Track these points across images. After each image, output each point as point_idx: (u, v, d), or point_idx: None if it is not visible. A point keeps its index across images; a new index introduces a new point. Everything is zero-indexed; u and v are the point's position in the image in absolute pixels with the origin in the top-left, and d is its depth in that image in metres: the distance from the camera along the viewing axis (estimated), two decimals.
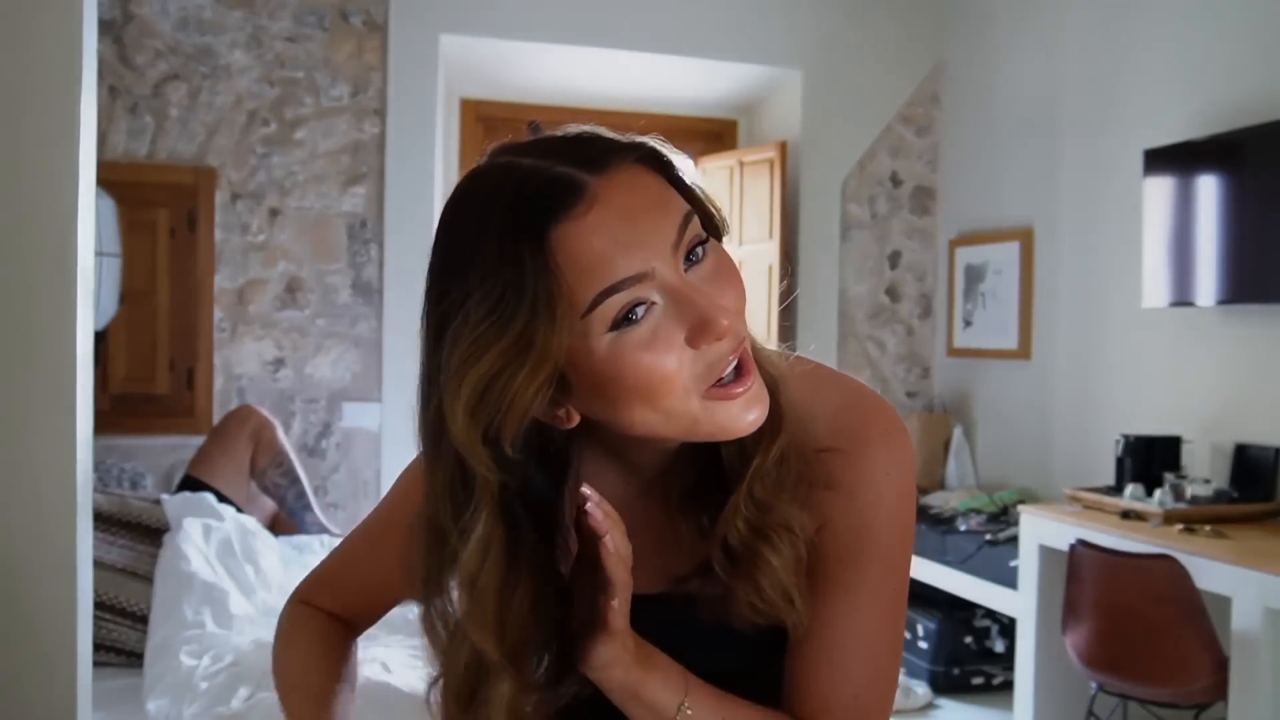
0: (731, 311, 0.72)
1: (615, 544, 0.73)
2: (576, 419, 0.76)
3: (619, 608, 0.74)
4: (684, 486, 0.82)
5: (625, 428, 0.75)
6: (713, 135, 4.93)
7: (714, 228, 0.78)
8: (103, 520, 2.62)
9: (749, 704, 0.81)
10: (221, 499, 2.98)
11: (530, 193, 0.70)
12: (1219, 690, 2.49)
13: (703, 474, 0.81)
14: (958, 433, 4.35)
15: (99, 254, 3.06)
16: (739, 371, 0.73)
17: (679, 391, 0.71)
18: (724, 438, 0.75)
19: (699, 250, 0.73)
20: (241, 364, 3.94)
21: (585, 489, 0.75)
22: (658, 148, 0.76)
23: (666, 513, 0.84)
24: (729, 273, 0.75)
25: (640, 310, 0.70)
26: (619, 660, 0.75)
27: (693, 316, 0.70)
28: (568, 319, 0.69)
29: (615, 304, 0.69)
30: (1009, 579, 3.33)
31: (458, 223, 0.73)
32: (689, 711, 0.77)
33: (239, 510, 3.00)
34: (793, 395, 0.80)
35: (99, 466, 3.70)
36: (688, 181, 0.77)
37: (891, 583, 0.81)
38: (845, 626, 0.80)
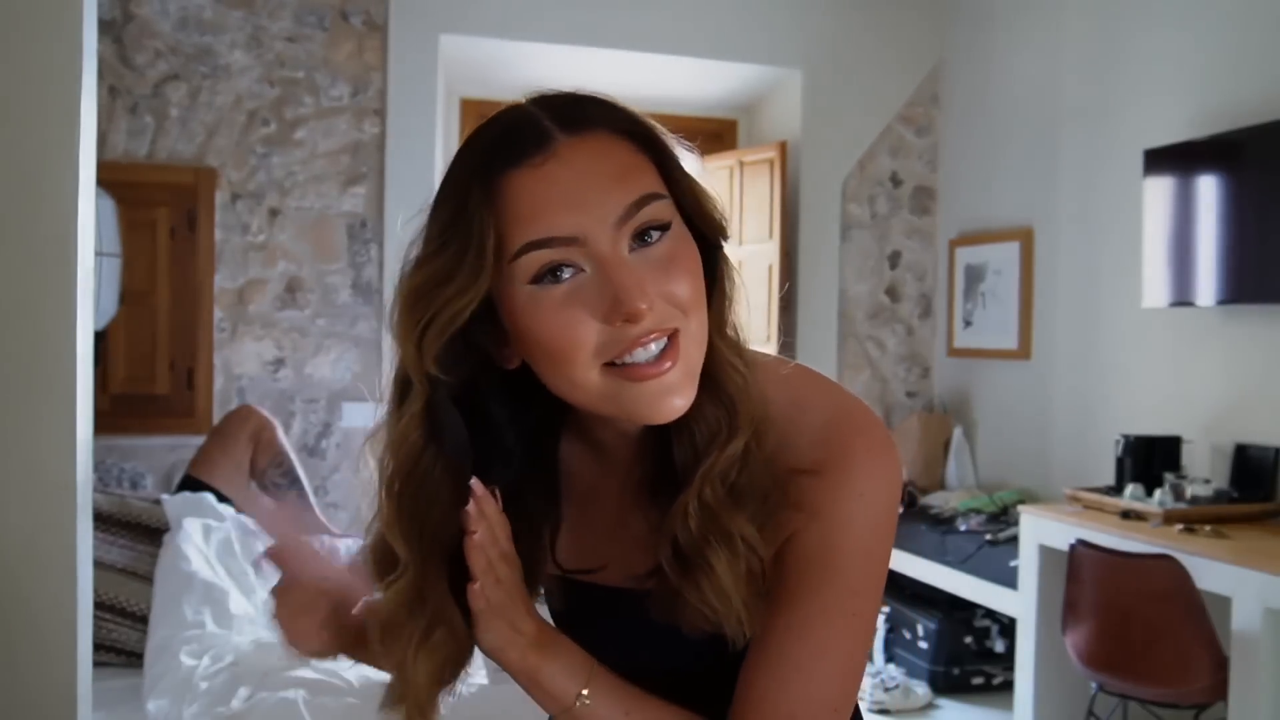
0: (656, 297, 0.71)
1: (483, 540, 0.74)
2: (518, 361, 0.78)
3: (479, 590, 0.74)
4: (641, 477, 0.82)
5: (549, 387, 0.76)
6: (713, 135, 4.93)
7: (710, 227, 0.79)
8: (103, 520, 2.62)
9: (656, 700, 0.79)
10: (221, 499, 2.97)
11: (505, 135, 0.73)
12: (1219, 690, 2.49)
13: (662, 466, 0.79)
14: (958, 433, 4.35)
15: (99, 254, 3.05)
16: (660, 357, 0.72)
17: (582, 361, 0.72)
18: (640, 421, 0.74)
19: (654, 234, 0.73)
20: (241, 364, 3.94)
21: (475, 482, 0.75)
22: (652, 129, 0.76)
23: (634, 505, 0.83)
24: (683, 264, 0.74)
25: (566, 272, 0.71)
26: (511, 643, 0.76)
27: (611, 293, 0.70)
28: (497, 261, 0.72)
29: (538, 259, 0.71)
30: (1009, 579, 3.33)
31: (462, 145, 0.77)
32: (587, 701, 0.77)
33: (239, 510, 3.00)
34: (773, 407, 0.78)
35: (99, 466, 3.70)
36: (681, 172, 0.77)
37: (851, 607, 0.77)
38: (794, 640, 0.76)
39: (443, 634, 0.77)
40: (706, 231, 0.79)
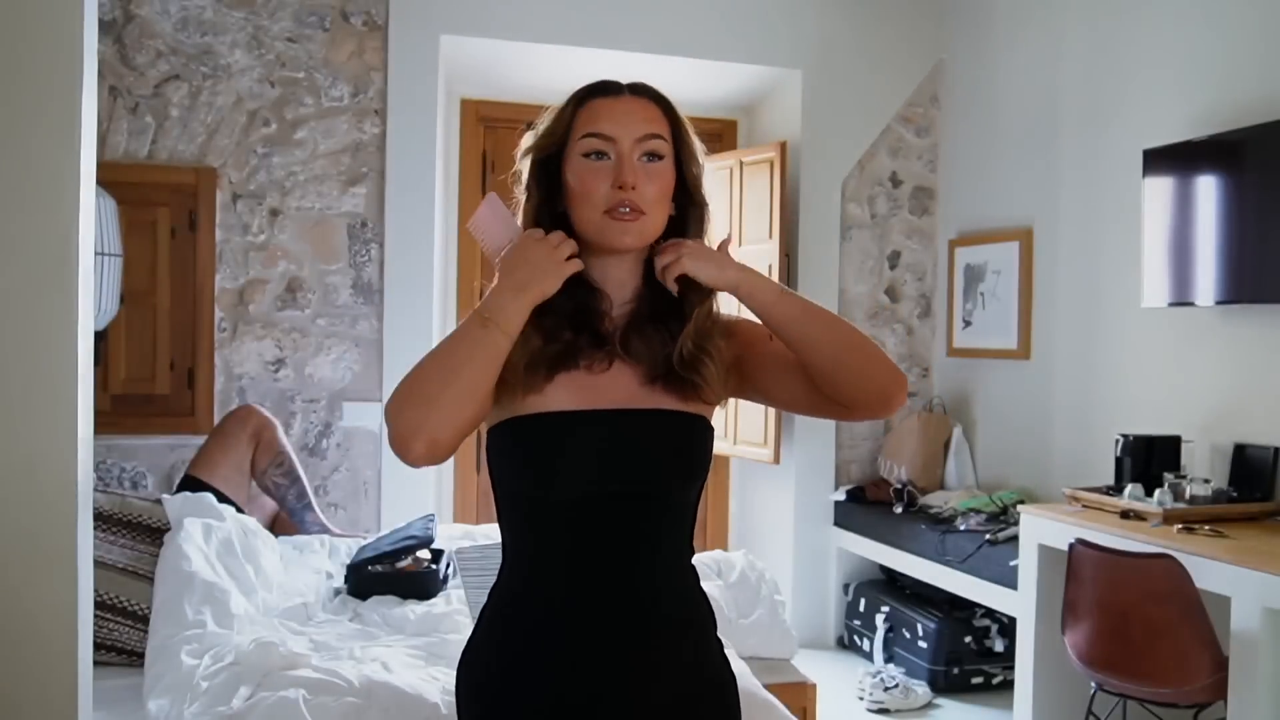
0: (636, 187, 1.25)
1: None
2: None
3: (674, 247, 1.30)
4: (644, 313, 1.33)
5: (575, 221, 1.28)
6: (713, 135, 4.93)
7: (696, 199, 1.34)
8: (103, 520, 2.62)
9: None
10: (222, 499, 2.97)
11: (600, 83, 1.32)
12: (1218, 690, 2.49)
13: (654, 309, 1.32)
14: (957, 433, 4.35)
15: (99, 254, 3.06)
16: (631, 212, 1.26)
17: (593, 203, 1.26)
18: (608, 245, 1.27)
19: (654, 159, 1.28)
20: (242, 364, 3.95)
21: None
22: (679, 118, 1.33)
23: (640, 337, 1.33)
24: (660, 180, 1.29)
25: (601, 155, 1.27)
26: (712, 257, 1.30)
27: (618, 174, 1.26)
28: (571, 136, 1.29)
29: (590, 142, 1.28)
30: (1009, 579, 3.34)
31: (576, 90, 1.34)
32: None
33: (239, 510, 3.00)
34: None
35: (99, 466, 3.71)
36: (687, 149, 1.33)
37: None
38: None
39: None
40: (693, 197, 1.34)
